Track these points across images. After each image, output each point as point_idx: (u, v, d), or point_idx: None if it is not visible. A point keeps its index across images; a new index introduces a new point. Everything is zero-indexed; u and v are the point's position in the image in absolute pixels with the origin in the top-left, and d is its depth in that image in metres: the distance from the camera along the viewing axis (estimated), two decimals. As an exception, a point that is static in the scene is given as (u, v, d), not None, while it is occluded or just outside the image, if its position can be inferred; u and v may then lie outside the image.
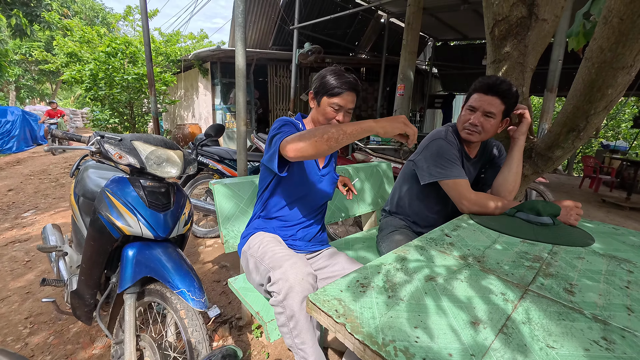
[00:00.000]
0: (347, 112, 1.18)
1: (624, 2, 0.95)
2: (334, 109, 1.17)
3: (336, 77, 1.15)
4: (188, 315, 1.01)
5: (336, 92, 1.14)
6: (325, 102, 1.17)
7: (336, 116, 1.18)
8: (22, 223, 3.11)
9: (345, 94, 1.15)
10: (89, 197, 1.32)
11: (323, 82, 1.17)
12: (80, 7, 17.00)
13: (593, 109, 1.21)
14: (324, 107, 1.18)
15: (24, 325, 1.67)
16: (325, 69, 1.20)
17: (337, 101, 1.15)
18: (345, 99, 1.16)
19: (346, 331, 0.55)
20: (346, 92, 1.15)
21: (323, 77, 1.18)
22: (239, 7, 1.93)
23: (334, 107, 1.16)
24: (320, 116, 1.20)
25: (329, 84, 1.15)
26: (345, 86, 1.14)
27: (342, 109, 1.17)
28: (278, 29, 7.10)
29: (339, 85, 1.14)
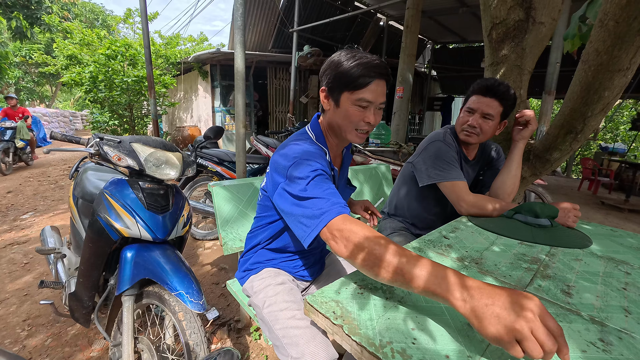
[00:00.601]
0: (378, 108, 0.88)
1: (619, 5, 0.96)
2: (360, 107, 0.86)
3: (356, 61, 0.83)
4: (186, 317, 1.01)
5: (362, 83, 0.83)
6: (347, 99, 0.86)
7: (365, 116, 0.87)
8: (20, 225, 3.10)
9: (374, 84, 0.83)
10: (88, 199, 1.32)
11: (340, 73, 0.85)
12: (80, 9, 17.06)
13: (590, 111, 1.22)
14: (346, 108, 0.87)
15: (22, 327, 1.67)
16: (336, 54, 0.88)
17: (365, 95, 0.84)
18: (375, 90, 0.84)
19: (344, 333, 0.55)
20: (375, 81, 0.83)
21: (337, 65, 0.86)
22: (238, 10, 1.94)
23: (360, 104, 0.85)
24: (341, 120, 0.89)
25: (349, 73, 0.83)
26: (373, 72, 0.82)
27: (372, 105, 0.86)
28: (277, 32, 7.12)
29: (363, 72, 0.82)
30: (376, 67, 0.83)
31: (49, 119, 11.26)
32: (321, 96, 0.93)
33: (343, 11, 7.17)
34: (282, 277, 1.02)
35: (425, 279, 0.55)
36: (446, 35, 9.11)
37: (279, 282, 0.99)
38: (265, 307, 0.93)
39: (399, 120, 5.89)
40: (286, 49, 7.27)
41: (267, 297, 0.95)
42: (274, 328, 0.88)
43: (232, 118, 7.35)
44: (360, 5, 7.54)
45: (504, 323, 0.45)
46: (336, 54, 0.89)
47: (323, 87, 0.91)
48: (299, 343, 0.80)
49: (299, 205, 0.76)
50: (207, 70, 7.28)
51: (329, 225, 0.70)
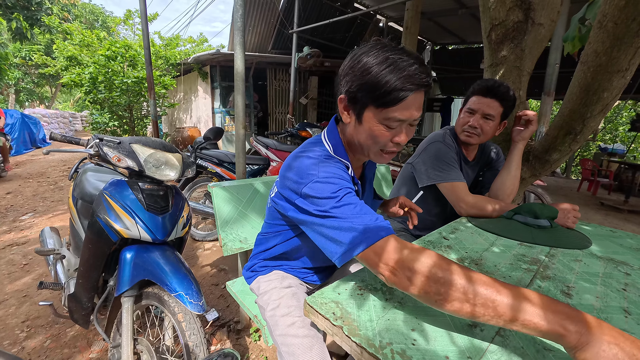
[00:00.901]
0: (411, 125, 0.72)
1: (618, 6, 0.96)
2: (388, 128, 0.70)
3: (389, 67, 0.65)
4: (186, 318, 1.00)
5: (394, 99, 0.66)
6: (372, 117, 0.70)
7: (394, 136, 0.72)
8: (20, 226, 3.10)
9: (410, 98, 0.66)
10: (88, 200, 1.31)
11: (367, 83, 0.67)
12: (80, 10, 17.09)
13: (589, 112, 1.22)
14: (370, 127, 0.71)
15: (21, 329, 1.66)
16: (364, 50, 0.70)
17: (397, 114, 0.68)
18: (411, 106, 0.68)
19: (343, 334, 0.55)
20: (413, 94, 0.66)
21: (364, 70, 0.67)
22: (238, 12, 1.95)
23: (390, 124, 0.69)
24: (364, 139, 0.75)
25: (380, 84, 0.65)
26: (411, 83, 0.65)
27: (404, 123, 0.71)
28: (277, 33, 7.13)
29: (398, 84, 0.64)
30: (415, 77, 0.64)
31: (49, 119, 11.25)
32: (339, 106, 0.76)
33: (343, 12, 7.19)
34: (289, 280, 0.99)
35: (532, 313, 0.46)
36: (445, 36, 9.12)
37: (285, 285, 0.96)
38: (269, 309, 0.91)
39: (398, 121, 5.89)
40: (286, 50, 7.28)
41: (271, 300, 0.92)
42: (274, 333, 0.86)
43: (232, 119, 7.36)
44: (359, 7, 7.55)
45: None
46: (363, 51, 0.70)
47: (342, 96, 0.74)
48: (296, 353, 0.77)
49: (327, 218, 0.64)
50: (207, 72, 7.28)
51: (375, 247, 0.58)
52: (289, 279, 1.00)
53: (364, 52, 0.70)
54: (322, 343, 0.80)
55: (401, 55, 0.66)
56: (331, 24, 6.04)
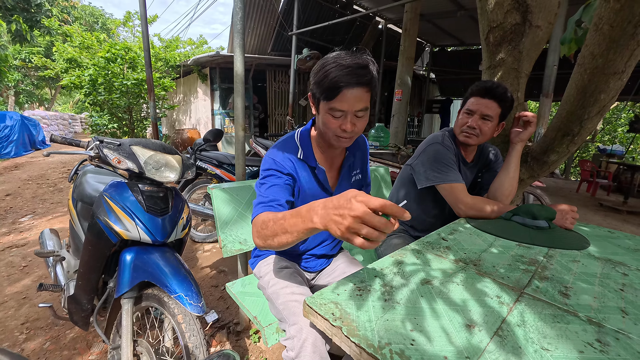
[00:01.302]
0: (355, 116, 0.85)
1: (613, 9, 0.97)
2: (334, 117, 0.85)
3: (334, 67, 0.80)
4: (185, 320, 1.01)
5: (332, 93, 0.81)
6: (323, 107, 0.86)
7: (341, 124, 0.85)
8: (19, 228, 3.10)
9: (345, 93, 0.80)
10: (87, 201, 1.32)
11: (317, 80, 0.84)
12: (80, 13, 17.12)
13: (587, 114, 1.23)
14: (322, 115, 0.88)
15: (20, 330, 1.66)
16: (321, 61, 0.85)
17: (336, 105, 0.82)
18: (348, 99, 0.81)
19: (342, 334, 0.55)
20: (345, 90, 0.80)
21: (316, 74, 0.85)
22: (237, 14, 1.95)
23: (333, 114, 0.85)
24: (322, 126, 0.91)
25: (323, 81, 0.81)
26: (345, 80, 0.79)
27: (347, 114, 0.84)
28: (277, 35, 7.16)
29: (335, 80, 0.79)
30: (349, 75, 0.79)
31: (49, 121, 11.25)
32: (310, 100, 0.95)
33: (342, 14, 7.21)
34: (285, 262, 1.12)
35: (293, 224, 0.67)
36: (444, 38, 9.16)
37: (282, 266, 1.10)
38: (270, 286, 1.04)
39: (397, 122, 5.91)
40: (285, 52, 7.30)
41: (272, 278, 1.06)
42: (276, 303, 0.98)
43: (232, 121, 7.36)
44: (359, 9, 7.58)
45: (340, 227, 0.56)
46: (328, 55, 0.86)
47: (309, 93, 0.92)
48: (296, 312, 0.89)
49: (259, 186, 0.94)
50: (207, 73, 7.30)
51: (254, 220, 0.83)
52: (285, 262, 1.13)
53: (329, 55, 0.86)
54: None
55: (348, 57, 0.81)
56: (330, 26, 6.07)
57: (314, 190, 1.04)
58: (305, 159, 1.00)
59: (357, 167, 1.14)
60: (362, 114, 0.86)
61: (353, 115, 0.85)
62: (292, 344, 0.85)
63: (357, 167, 1.14)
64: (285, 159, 0.96)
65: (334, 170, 1.09)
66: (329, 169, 1.07)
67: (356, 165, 1.14)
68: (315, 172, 1.02)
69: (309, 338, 0.82)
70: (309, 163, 1.01)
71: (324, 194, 1.06)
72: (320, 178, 1.04)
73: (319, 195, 1.04)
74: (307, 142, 1.02)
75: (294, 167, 0.97)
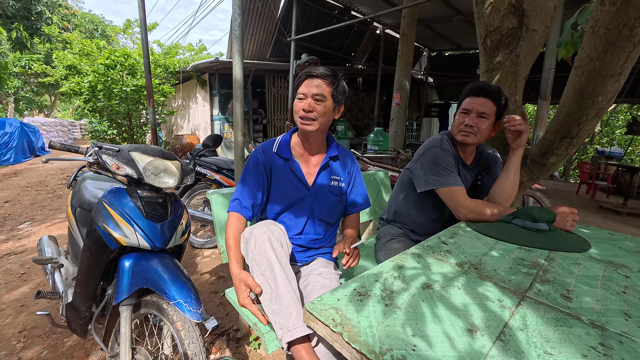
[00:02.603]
0: (314, 98, 1.11)
1: (609, 13, 0.98)
2: (299, 99, 1.14)
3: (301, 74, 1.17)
4: (185, 327, 1.00)
5: (297, 83, 1.15)
6: (295, 99, 1.17)
7: (302, 105, 1.13)
8: (18, 235, 3.08)
9: (305, 81, 1.13)
10: (86, 208, 1.31)
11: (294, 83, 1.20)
12: (80, 20, 17.22)
13: (585, 116, 1.23)
14: (294, 105, 1.17)
15: (18, 339, 1.64)
16: None
17: (301, 89, 1.14)
18: (308, 84, 1.12)
19: (343, 340, 0.55)
20: (306, 79, 1.13)
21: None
22: (236, 20, 1.97)
23: (299, 97, 1.14)
24: (294, 114, 1.19)
25: (295, 81, 1.18)
26: (302, 74, 1.14)
27: (307, 96, 1.12)
28: (275, 41, 7.21)
29: (299, 77, 1.15)
30: (307, 71, 1.13)
31: (48, 128, 11.27)
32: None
33: (340, 20, 7.27)
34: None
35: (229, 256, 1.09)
36: (442, 42, 9.23)
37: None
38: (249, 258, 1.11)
39: (396, 126, 5.93)
40: (284, 57, 7.34)
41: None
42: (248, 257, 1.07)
43: (231, 126, 7.38)
44: (356, 15, 7.65)
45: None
46: None
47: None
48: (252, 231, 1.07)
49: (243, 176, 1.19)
50: (206, 79, 7.33)
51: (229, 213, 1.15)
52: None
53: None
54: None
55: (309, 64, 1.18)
56: (329, 32, 6.11)
57: (289, 182, 1.20)
58: (280, 152, 1.20)
59: (339, 175, 1.28)
60: (319, 98, 1.11)
61: (311, 99, 1.10)
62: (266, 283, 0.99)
63: (339, 175, 1.28)
64: (261, 154, 1.19)
65: (313, 169, 1.24)
66: (307, 166, 1.23)
67: (338, 172, 1.28)
68: (290, 164, 1.20)
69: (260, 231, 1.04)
70: (283, 156, 1.20)
71: (301, 187, 1.21)
72: (295, 171, 1.20)
73: (295, 187, 1.20)
74: (286, 140, 1.24)
75: (269, 160, 1.19)
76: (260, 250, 1.00)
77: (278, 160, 1.20)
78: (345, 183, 1.30)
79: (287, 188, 1.20)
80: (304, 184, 1.21)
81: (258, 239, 1.02)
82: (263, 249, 1.00)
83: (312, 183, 1.22)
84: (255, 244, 1.02)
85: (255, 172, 1.17)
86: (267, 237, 1.01)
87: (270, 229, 1.04)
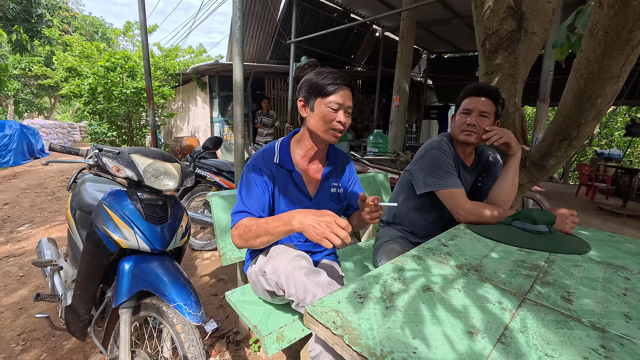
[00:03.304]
0: (346, 111, 1.07)
1: (608, 16, 0.99)
2: (332, 109, 1.04)
3: (325, 76, 1.05)
4: (184, 329, 0.99)
5: (331, 90, 1.03)
6: (320, 104, 1.05)
7: (337, 116, 1.05)
8: (17, 237, 3.08)
9: (342, 90, 1.04)
10: (86, 210, 1.31)
11: (313, 85, 1.05)
12: (80, 23, 17.26)
13: (584, 118, 1.24)
14: (320, 110, 1.05)
15: (17, 342, 1.64)
16: (309, 74, 1.09)
17: (335, 99, 1.03)
18: (344, 95, 1.05)
19: (344, 343, 0.55)
20: (342, 88, 1.04)
21: (310, 80, 1.07)
22: (236, 23, 1.98)
23: (332, 106, 1.04)
24: (317, 122, 1.07)
25: (321, 84, 1.04)
26: (339, 81, 1.04)
27: (342, 107, 1.05)
28: (275, 43, 7.23)
29: (332, 82, 1.03)
30: (342, 77, 1.05)
31: (48, 130, 11.26)
32: (299, 106, 1.12)
33: (339, 23, 7.30)
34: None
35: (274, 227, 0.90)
36: (441, 45, 9.27)
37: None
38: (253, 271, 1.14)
39: (396, 128, 5.94)
40: (284, 60, 7.37)
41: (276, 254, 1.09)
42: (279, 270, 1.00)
43: (231, 128, 7.38)
44: (356, 17, 7.69)
45: (316, 231, 0.80)
46: (308, 74, 1.08)
47: (300, 98, 1.11)
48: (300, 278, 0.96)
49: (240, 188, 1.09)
50: (206, 82, 7.34)
51: (232, 229, 1.03)
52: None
53: (309, 74, 1.09)
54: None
55: (331, 70, 1.06)
56: (328, 34, 6.13)
57: (292, 193, 1.14)
58: (282, 163, 1.12)
59: (337, 179, 1.24)
60: (350, 111, 1.08)
61: (345, 110, 1.06)
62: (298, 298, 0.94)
63: (337, 179, 1.24)
64: (264, 165, 1.10)
65: (313, 177, 1.19)
66: (308, 176, 1.17)
67: (337, 178, 1.25)
68: (292, 175, 1.13)
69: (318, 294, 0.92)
70: (285, 167, 1.12)
71: (303, 198, 1.16)
72: (297, 181, 1.14)
73: (297, 198, 1.15)
74: (285, 149, 1.15)
75: (272, 172, 1.10)
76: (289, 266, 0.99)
77: (280, 171, 1.13)
78: (342, 188, 1.28)
79: (290, 199, 1.14)
80: (306, 194, 1.17)
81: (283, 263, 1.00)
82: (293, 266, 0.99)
83: (314, 193, 1.19)
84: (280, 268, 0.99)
85: (261, 182, 1.08)
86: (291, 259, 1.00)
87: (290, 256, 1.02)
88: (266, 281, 1.06)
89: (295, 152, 1.16)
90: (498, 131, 1.24)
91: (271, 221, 0.91)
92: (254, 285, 1.18)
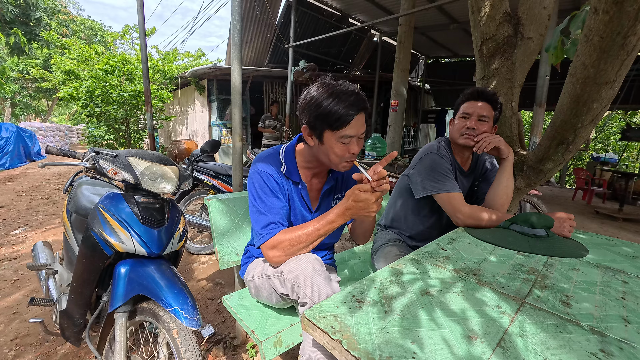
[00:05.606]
0: (359, 138, 0.95)
1: (603, 21, 1.00)
2: (343, 144, 0.91)
3: (334, 100, 0.87)
4: (181, 334, 0.98)
5: (344, 122, 0.88)
6: (330, 137, 0.91)
7: (349, 149, 0.93)
8: (11, 241, 3.04)
9: (355, 119, 0.89)
10: (82, 213, 1.30)
11: (320, 112, 0.89)
12: (79, 26, 17.27)
13: (580, 123, 1.25)
14: (330, 145, 0.92)
15: (10, 347, 1.61)
16: (312, 89, 0.93)
17: (347, 132, 0.89)
18: (356, 125, 0.90)
19: (342, 348, 0.54)
20: (356, 116, 0.89)
21: (316, 105, 0.89)
22: (235, 27, 1.99)
23: (344, 141, 0.91)
24: (327, 156, 0.95)
25: (331, 112, 0.87)
26: (353, 109, 0.88)
27: (354, 138, 0.93)
28: (274, 48, 7.27)
29: (345, 110, 0.87)
30: (354, 105, 0.88)
31: (45, 133, 11.21)
32: (304, 133, 0.98)
33: (338, 27, 7.36)
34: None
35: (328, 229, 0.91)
36: (438, 50, 9.36)
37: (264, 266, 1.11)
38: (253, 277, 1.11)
39: (394, 133, 5.95)
40: (282, 64, 7.40)
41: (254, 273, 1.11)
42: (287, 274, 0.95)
43: (229, 132, 7.38)
44: (354, 22, 7.75)
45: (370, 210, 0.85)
46: (312, 90, 0.92)
47: (304, 126, 0.96)
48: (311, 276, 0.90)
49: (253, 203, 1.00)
50: (204, 85, 7.36)
51: (262, 247, 0.96)
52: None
53: (314, 90, 0.92)
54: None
55: (341, 88, 0.89)
56: (326, 39, 6.17)
57: (296, 204, 1.08)
58: (289, 175, 1.05)
59: (338, 192, 1.17)
60: (363, 136, 0.96)
61: (358, 138, 0.94)
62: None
63: (338, 192, 1.17)
64: (276, 175, 1.02)
65: (314, 191, 1.13)
66: (309, 186, 1.11)
67: (339, 190, 1.17)
68: (299, 187, 1.07)
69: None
70: (292, 179, 1.05)
71: (305, 211, 1.10)
72: (303, 194, 1.08)
73: (299, 211, 1.09)
74: (291, 158, 1.06)
75: (282, 181, 1.03)
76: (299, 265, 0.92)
77: (288, 183, 1.05)
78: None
79: (294, 212, 1.08)
80: (309, 208, 1.11)
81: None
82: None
83: (316, 207, 1.13)
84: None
85: (278, 191, 1.00)
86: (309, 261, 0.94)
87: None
88: (281, 283, 0.98)
89: (299, 163, 1.08)
90: (485, 138, 1.24)
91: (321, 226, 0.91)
92: (255, 289, 1.14)
